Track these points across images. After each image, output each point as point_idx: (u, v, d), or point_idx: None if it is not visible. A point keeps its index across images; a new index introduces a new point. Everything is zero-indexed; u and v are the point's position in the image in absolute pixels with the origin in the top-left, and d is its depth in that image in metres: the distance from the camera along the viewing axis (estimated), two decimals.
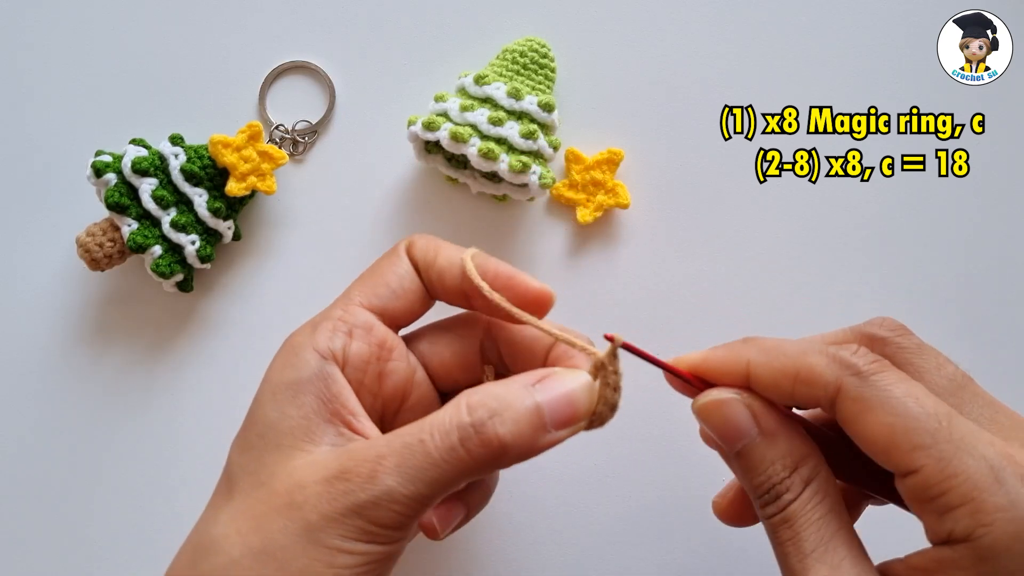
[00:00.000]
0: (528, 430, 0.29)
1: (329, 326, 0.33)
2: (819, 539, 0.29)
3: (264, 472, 0.30)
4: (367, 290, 0.34)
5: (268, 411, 0.31)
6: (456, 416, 0.29)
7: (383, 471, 0.28)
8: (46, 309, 0.47)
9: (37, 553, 0.46)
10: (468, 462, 0.28)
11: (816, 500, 0.30)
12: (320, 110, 0.48)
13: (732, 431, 0.31)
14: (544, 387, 0.30)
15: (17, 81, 0.49)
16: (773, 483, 0.30)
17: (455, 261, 0.34)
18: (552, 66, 0.46)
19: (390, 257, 0.35)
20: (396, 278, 0.35)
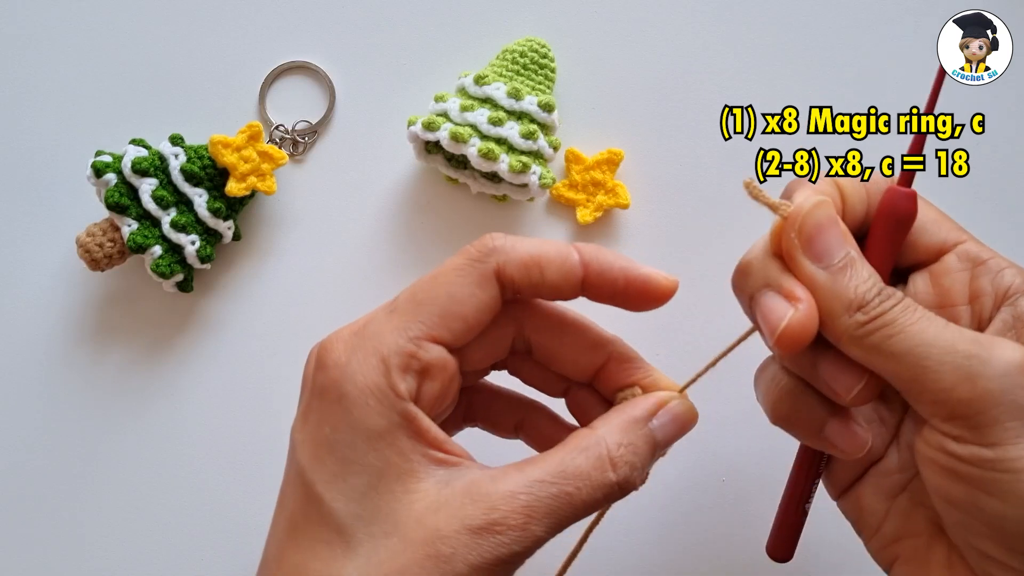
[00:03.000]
0: (646, 465, 0.31)
1: (402, 364, 0.29)
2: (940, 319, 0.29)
3: (387, 521, 0.28)
4: (440, 322, 0.30)
5: (370, 459, 0.29)
6: (603, 474, 0.29)
7: (534, 523, 0.28)
8: (46, 309, 0.47)
9: (37, 553, 0.46)
10: (599, 504, 0.29)
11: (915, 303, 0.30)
12: (320, 110, 0.48)
13: (836, 239, 0.31)
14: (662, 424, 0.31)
15: (17, 81, 0.49)
16: (879, 287, 0.30)
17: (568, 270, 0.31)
18: (552, 66, 0.46)
19: (473, 280, 0.30)
20: (476, 311, 0.30)
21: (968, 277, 0.32)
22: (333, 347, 0.30)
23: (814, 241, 0.30)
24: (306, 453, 0.30)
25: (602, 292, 0.32)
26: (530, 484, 0.28)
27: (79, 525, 0.46)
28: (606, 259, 0.32)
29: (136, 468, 0.46)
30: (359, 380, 0.29)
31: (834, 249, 0.30)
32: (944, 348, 0.28)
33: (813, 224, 0.31)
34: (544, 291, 0.31)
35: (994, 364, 0.27)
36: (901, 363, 0.28)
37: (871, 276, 0.30)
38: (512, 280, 0.31)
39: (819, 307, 0.30)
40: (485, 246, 0.31)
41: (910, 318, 0.29)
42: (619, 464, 0.29)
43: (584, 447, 0.29)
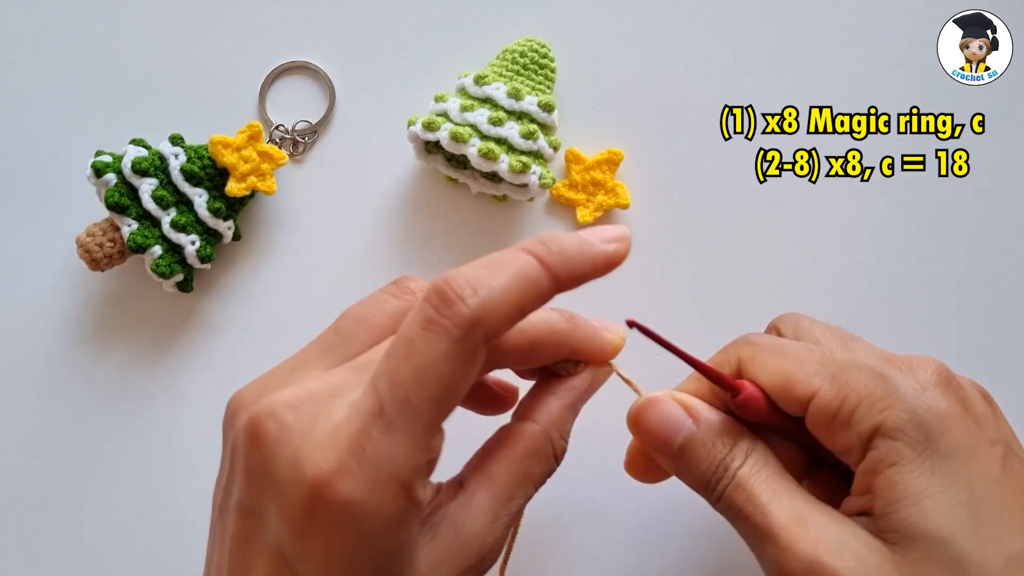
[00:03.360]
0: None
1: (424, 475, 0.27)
2: (772, 491, 0.30)
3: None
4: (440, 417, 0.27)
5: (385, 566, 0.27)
6: (551, 465, 0.33)
7: (509, 530, 0.32)
8: (46, 309, 0.47)
9: (36, 552, 0.46)
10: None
11: (761, 464, 0.31)
12: (320, 110, 0.48)
13: (670, 427, 0.32)
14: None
15: (17, 81, 0.49)
16: (717, 461, 0.31)
17: (543, 296, 0.29)
18: (552, 66, 0.46)
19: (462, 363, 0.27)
20: (469, 384, 0.28)
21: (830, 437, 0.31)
22: (337, 484, 0.25)
23: (647, 435, 0.33)
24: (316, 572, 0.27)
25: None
26: (503, 503, 0.31)
27: (79, 525, 0.46)
28: (574, 267, 0.30)
29: (136, 468, 0.46)
30: (384, 512, 0.26)
31: (669, 436, 0.32)
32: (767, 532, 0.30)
33: (640, 419, 0.33)
34: (522, 328, 0.32)
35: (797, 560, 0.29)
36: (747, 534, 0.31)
37: (713, 447, 0.32)
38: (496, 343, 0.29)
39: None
40: (462, 318, 0.26)
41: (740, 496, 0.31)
42: (560, 451, 0.33)
43: (536, 450, 0.32)
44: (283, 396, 0.28)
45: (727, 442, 0.32)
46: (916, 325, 0.46)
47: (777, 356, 0.32)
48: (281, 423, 0.27)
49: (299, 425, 0.27)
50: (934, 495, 0.28)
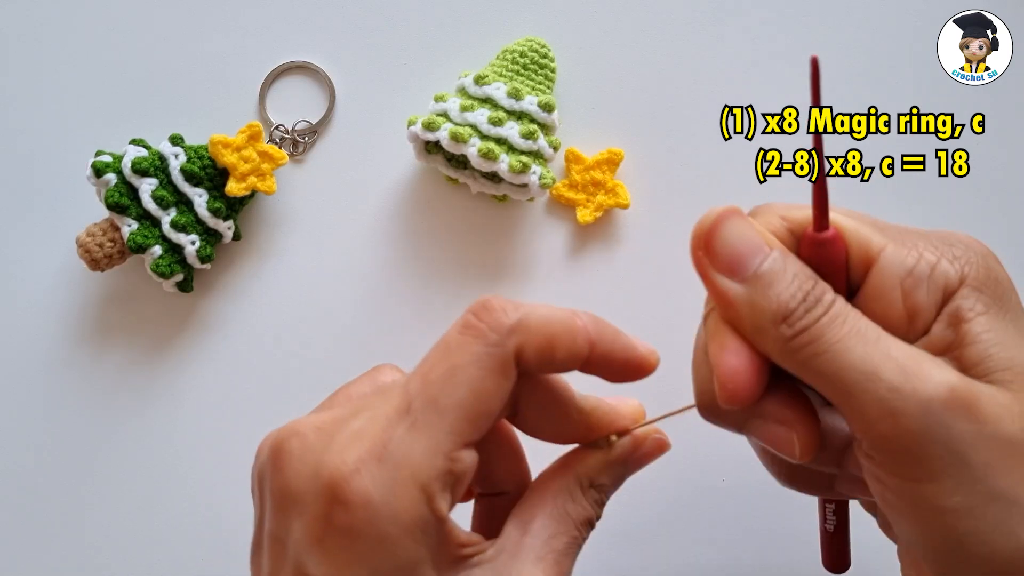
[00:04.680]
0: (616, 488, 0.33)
1: (443, 485, 0.26)
2: (876, 328, 0.26)
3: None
4: (469, 426, 0.27)
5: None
6: (588, 512, 0.31)
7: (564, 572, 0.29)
8: (46, 309, 0.47)
9: (36, 552, 0.46)
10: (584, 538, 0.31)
11: (848, 304, 0.27)
12: (320, 110, 0.48)
13: (749, 246, 0.28)
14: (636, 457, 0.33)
15: (17, 81, 0.49)
16: (805, 291, 0.27)
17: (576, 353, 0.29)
18: (552, 66, 0.46)
19: (496, 372, 0.27)
20: (501, 402, 0.27)
21: (900, 295, 0.28)
22: (355, 481, 0.25)
23: (720, 252, 0.28)
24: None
25: (598, 369, 0.31)
26: (543, 541, 0.29)
27: (79, 525, 0.46)
28: (608, 337, 0.30)
29: (136, 468, 0.46)
30: (403, 517, 0.25)
31: (746, 256, 0.27)
32: (868, 375, 0.25)
33: (716, 233, 0.28)
34: (549, 370, 0.30)
35: (917, 399, 0.25)
36: (828, 385, 0.26)
37: (795, 279, 0.27)
38: (528, 363, 0.28)
39: (745, 325, 0.27)
40: (500, 324, 0.27)
41: (836, 334, 0.26)
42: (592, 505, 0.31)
43: (566, 488, 0.30)
44: (307, 418, 0.28)
45: (808, 275, 0.27)
46: None
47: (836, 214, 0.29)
48: (303, 439, 0.26)
49: (321, 439, 0.26)
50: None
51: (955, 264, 0.28)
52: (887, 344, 0.26)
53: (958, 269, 0.27)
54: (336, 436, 0.26)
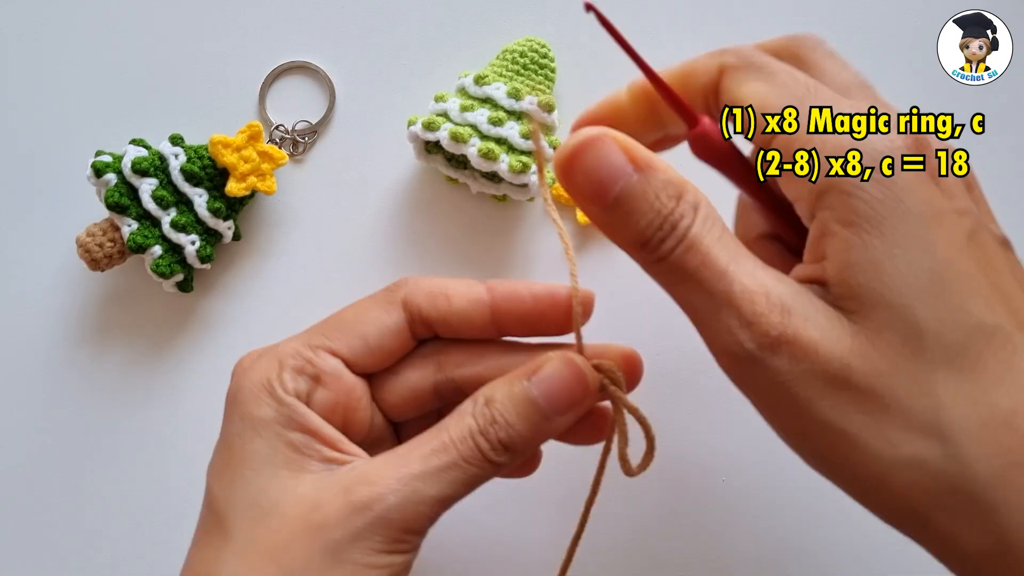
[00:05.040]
0: (528, 428, 0.30)
1: (296, 366, 0.31)
2: (730, 252, 0.27)
3: (267, 502, 0.29)
4: (342, 337, 0.32)
5: (256, 446, 0.30)
6: (468, 423, 0.30)
7: (409, 474, 0.28)
8: (46, 309, 0.47)
9: (36, 552, 0.46)
10: (487, 464, 0.29)
11: (711, 222, 0.28)
12: (320, 110, 0.48)
13: (608, 172, 0.27)
14: (539, 378, 0.30)
15: (17, 81, 0.49)
16: (664, 215, 0.27)
17: (475, 297, 0.33)
18: (552, 66, 0.46)
19: (380, 306, 0.33)
20: (378, 332, 0.32)
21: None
22: (244, 359, 0.33)
23: (579, 181, 0.28)
24: (213, 456, 0.31)
25: (513, 317, 0.32)
26: (409, 446, 0.29)
27: (79, 525, 0.46)
28: (511, 284, 0.33)
29: (136, 468, 0.46)
30: (253, 377, 0.31)
31: (605, 183, 0.28)
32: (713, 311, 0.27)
33: (575, 160, 0.28)
34: (453, 320, 0.33)
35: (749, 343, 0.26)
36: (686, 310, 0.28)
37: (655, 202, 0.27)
38: (419, 308, 0.32)
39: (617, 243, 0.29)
40: (395, 282, 0.33)
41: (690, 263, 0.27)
42: (480, 418, 0.30)
43: (458, 409, 0.30)
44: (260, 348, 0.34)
45: (672, 194, 0.28)
46: None
47: (755, 78, 0.30)
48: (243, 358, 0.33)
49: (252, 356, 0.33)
50: (893, 258, 0.26)
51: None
52: (732, 277, 0.26)
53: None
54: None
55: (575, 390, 0.31)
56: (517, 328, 0.33)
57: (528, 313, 0.33)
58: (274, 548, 0.28)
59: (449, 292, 0.33)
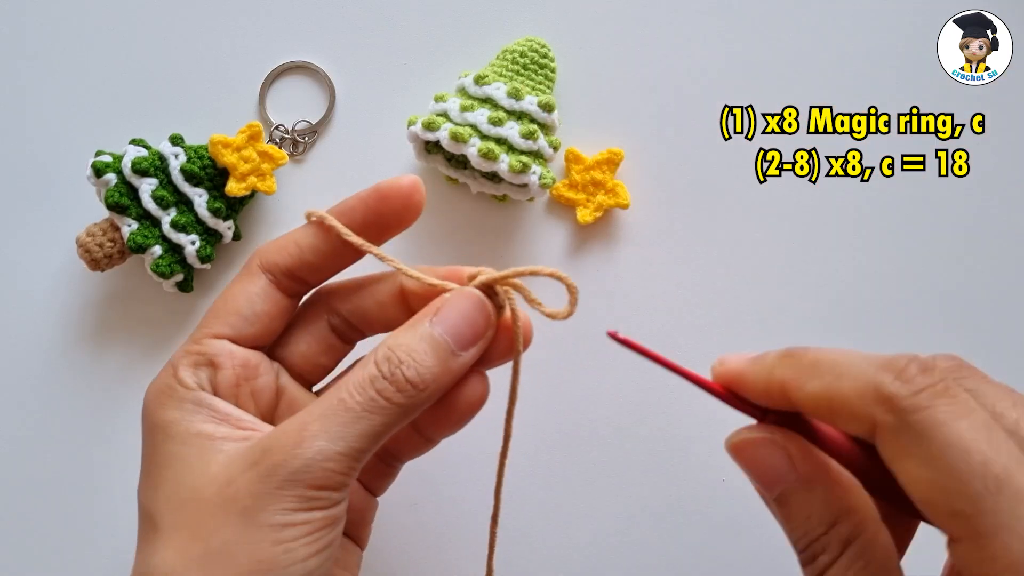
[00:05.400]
0: (437, 364, 0.31)
1: (188, 362, 0.33)
2: None
3: (185, 491, 0.30)
4: (218, 321, 0.34)
5: (168, 447, 0.31)
6: (369, 370, 0.30)
7: (309, 435, 0.29)
8: (46, 309, 0.47)
9: (36, 552, 0.46)
10: (392, 408, 0.30)
11: (857, 565, 0.26)
12: (320, 110, 0.48)
13: (768, 474, 0.28)
14: (440, 317, 0.31)
15: (17, 81, 0.49)
16: (810, 540, 0.27)
17: (313, 231, 0.34)
18: (552, 66, 0.46)
19: (242, 279, 0.34)
20: (247, 302, 0.34)
21: None
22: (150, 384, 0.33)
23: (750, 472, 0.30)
24: (139, 476, 0.33)
25: (359, 220, 0.34)
26: (308, 408, 0.30)
27: (79, 525, 0.46)
28: (341, 204, 0.34)
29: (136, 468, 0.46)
30: (154, 387, 0.33)
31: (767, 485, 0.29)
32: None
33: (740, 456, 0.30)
34: (312, 259, 0.34)
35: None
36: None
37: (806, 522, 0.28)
38: (275, 264, 0.34)
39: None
40: (250, 256, 0.35)
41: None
42: (382, 361, 0.30)
43: (361, 362, 0.31)
44: None
45: (825, 520, 0.27)
46: (916, 325, 0.46)
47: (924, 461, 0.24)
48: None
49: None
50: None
51: None
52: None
53: None
54: None
55: (479, 322, 0.32)
56: (377, 233, 0.35)
57: (370, 211, 0.34)
58: (196, 528, 0.29)
59: (295, 238, 0.34)
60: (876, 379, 0.25)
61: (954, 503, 0.23)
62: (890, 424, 0.24)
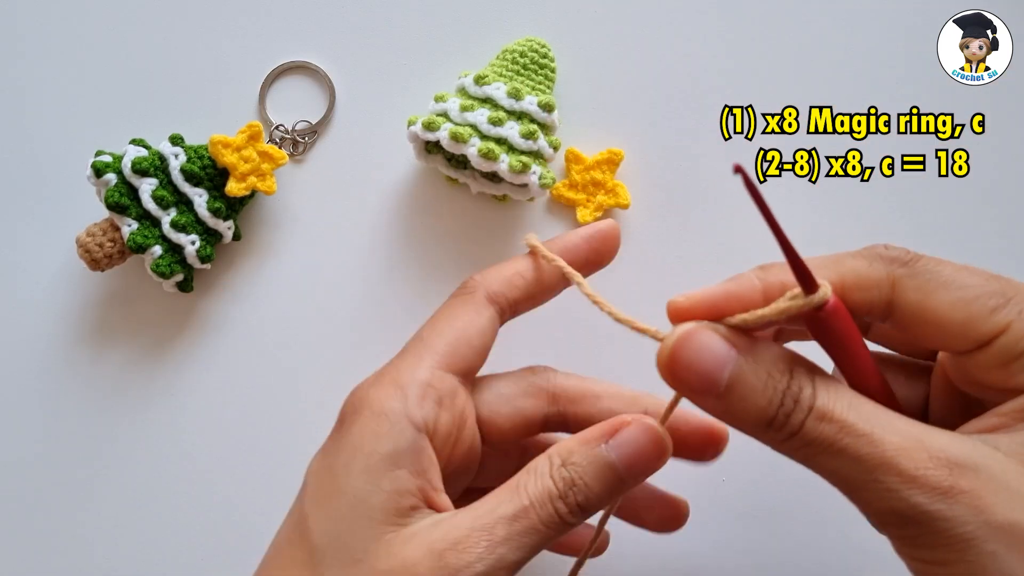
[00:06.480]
0: (605, 492, 0.30)
1: (420, 392, 0.31)
2: (867, 412, 0.26)
3: (358, 548, 0.28)
4: (450, 349, 0.32)
5: (361, 483, 0.29)
6: (547, 484, 0.29)
7: (496, 541, 0.28)
8: (46, 309, 0.47)
9: (36, 553, 0.46)
10: (563, 526, 0.29)
11: (834, 387, 0.27)
12: (320, 110, 0.48)
13: (712, 361, 0.27)
14: (617, 443, 0.30)
15: (17, 81, 0.49)
16: (781, 391, 0.27)
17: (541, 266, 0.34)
18: (552, 66, 0.46)
19: (465, 308, 0.33)
20: (479, 335, 0.33)
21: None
22: (358, 387, 0.32)
23: (686, 378, 0.28)
24: (310, 477, 0.31)
25: (580, 258, 0.35)
26: (491, 507, 0.29)
27: (79, 525, 0.46)
28: (558, 240, 0.35)
29: (136, 468, 0.46)
30: (375, 405, 0.30)
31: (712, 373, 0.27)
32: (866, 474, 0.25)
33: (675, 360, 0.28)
34: (536, 291, 0.34)
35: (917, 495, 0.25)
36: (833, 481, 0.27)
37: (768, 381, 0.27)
38: (503, 296, 0.34)
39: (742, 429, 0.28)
40: (468, 283, 0.34)
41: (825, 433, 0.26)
42: (560, 482, 0.29)
43: (534, 468, 0.30)
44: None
45: (783, 368, 0.27)
46: None
47: (948, 288, 0.28)
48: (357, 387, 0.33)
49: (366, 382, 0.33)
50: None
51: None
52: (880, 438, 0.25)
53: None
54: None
55: (651, 455, 0.30)
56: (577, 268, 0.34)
57: (579, 256, 0.35)
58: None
59: (518, 270, 0.34)
60: (874, 252, 0.29)
61: (989, 302, 0.27)
62: (906, 273, 0.28)
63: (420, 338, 0.33)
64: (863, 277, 0.28)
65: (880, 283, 0.28)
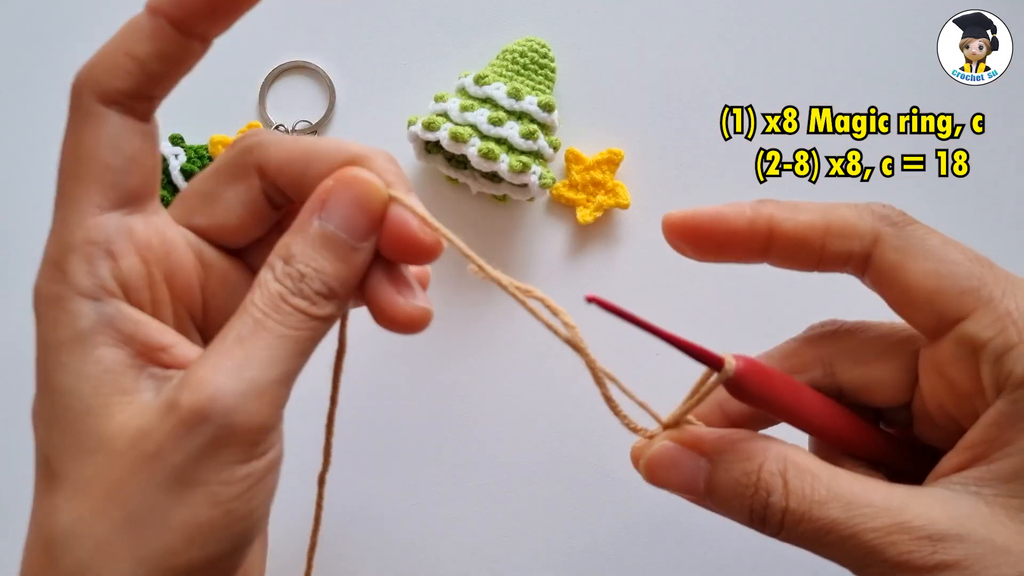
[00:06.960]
0: (341, 264, 0.26)
1: (80, 258, 0.26)
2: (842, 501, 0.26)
3: (90, 441, 0.25)
4: (84, 185, 0.26)
5: (61, 378, 0.26)
6: (273, 287, 0.25)
7: (238, 366, 0.24)
8: None
9: None
10: (314, 320, 0.26)
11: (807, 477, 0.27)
12: (320, 110, 0.48)
13: (686, 476, 0.28)
14: (329, 210, 0.26)
15: (17, 81, 0.49)
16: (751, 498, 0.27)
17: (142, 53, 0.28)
18: (552, 66, 0.46)
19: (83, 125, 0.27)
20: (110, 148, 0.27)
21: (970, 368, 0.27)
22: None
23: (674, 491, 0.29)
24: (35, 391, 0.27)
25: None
26: (223, 337, 0.25)
27: None
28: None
29: None
30: (43, 294, 0.27)
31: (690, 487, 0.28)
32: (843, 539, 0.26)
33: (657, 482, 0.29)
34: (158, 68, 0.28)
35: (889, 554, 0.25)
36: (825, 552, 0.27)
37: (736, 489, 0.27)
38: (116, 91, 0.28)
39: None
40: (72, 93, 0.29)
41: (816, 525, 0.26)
42: (287, 280, 0.25)
43: (259, 280, 0.26)
44: None
45: (750, 471, 0.27)
46: None
47: (928, 257, 0.27)
48: None
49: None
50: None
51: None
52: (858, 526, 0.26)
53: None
54: None
55: (367, 204, 0.26)
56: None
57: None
58: (112, 489, 0.24)
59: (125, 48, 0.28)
60: (869, 207, 0.29)
61: (962, 282, 0.27)
62: (891, 233, 0.28)
63: (59, 189, 0.27)
64: (849, 225, 0.29)
65: (863, 235, 0.29)
